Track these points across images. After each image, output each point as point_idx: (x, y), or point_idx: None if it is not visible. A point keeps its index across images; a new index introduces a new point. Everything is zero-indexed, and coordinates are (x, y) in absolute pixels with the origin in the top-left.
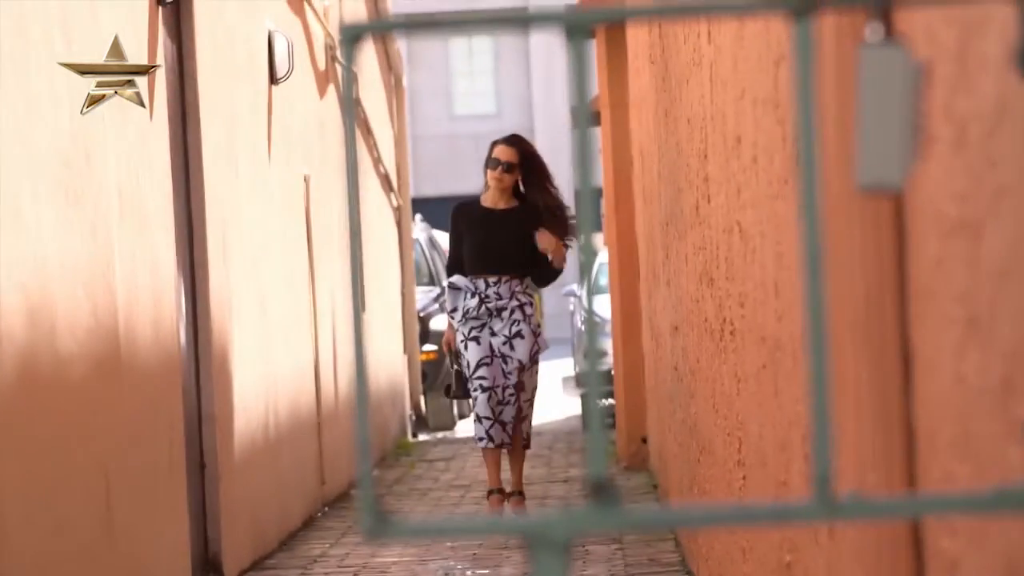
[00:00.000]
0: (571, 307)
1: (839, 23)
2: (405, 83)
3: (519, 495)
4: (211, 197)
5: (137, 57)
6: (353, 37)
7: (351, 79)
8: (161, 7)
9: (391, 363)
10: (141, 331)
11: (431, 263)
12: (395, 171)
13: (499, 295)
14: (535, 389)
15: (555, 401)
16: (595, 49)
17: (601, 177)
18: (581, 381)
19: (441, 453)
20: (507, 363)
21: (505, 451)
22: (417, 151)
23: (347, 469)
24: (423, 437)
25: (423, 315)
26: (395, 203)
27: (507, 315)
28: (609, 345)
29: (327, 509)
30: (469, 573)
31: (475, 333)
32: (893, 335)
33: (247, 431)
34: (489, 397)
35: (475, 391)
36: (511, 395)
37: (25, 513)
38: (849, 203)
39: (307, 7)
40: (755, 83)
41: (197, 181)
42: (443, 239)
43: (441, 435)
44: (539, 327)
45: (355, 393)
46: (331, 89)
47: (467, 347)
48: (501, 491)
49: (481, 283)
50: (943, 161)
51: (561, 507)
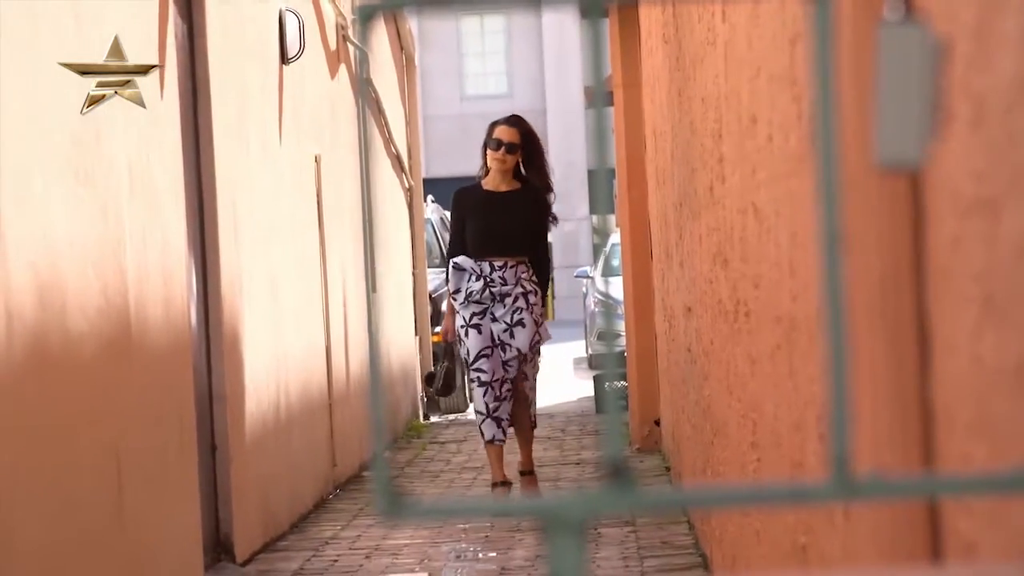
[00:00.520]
0: (583, 289)
1: (856, 1)
2: (417, 63)
3: (530, 474)
4: (222, 176)
5: (148, 35)
6: (367, 16)
7: (365, 59)
8: None
9: (403, 344)
10: (152, 310)
11: (443, 244)
12: (406, 152)
13: (504, 280)
14: (536, 376)
15: (567, 383)
16: (608, 29)
17: (614, 158)
18: (593, 363)
19: (452, 435)
20: (506, 351)
21: (513, 433)
22: (428, 131)
23: (358, 451)
24: (434, 419)
25: (435, 296)
26: (406, 184)
27: (510, 301)
28: (622, 327)
29: (338, 491)
30: (481, 555)
31: (476, 320)
32: (910, 315)
33: (258, 412)
34: (486, 392)
35: (472, 382)
36: (508, 391)
37: (35, 494)
38: (865, 182)
39: None
40: (770, 61)
41: (208, 160)
42: None
43: (452, 417)
44: (543, 317)
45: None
46: (342, 69)
47: (467, 334)
48: (506, 483)
49: (487, 266)
50: (961, 139)
51: (574, 489)
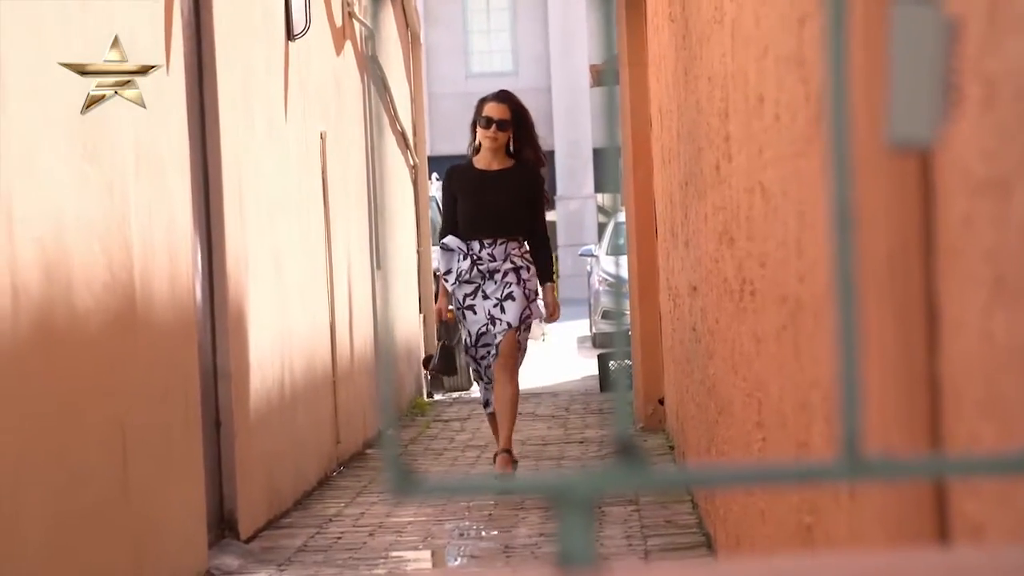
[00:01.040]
0: (587, 267)
1: None
2: (422, 41)
3: (506, 453)
4: (227, 153)
5: (154, 11)
6: None
7: (375, 37)
8: None
9: (407, 322)
10: (157, 286)
11: None
12: (411, 129)
13: (492, 257)
14: (523, 357)
15: (571, 362)
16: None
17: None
18: (597, 342)
19: (456, 413)
20: (495, 325)
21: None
22: (433, 109)
23: (362, 428)
24: (438, 397)
25: (439, 274)
26: (411, 161)
27: (499, 277)
28: (627, 306)
29: (342, 468)
30: (484, 533)
31: (470, 301)
32: (919, 294)
33: (263, 389)
34: (489, 365)
35: (477, 360)
36: (494, 355)
37: (41, 468)
38: (875, 161)
39: None
40: (778, 41)
41: (213, 137)
42: None
43: (456, 395)
44: (535, 293)
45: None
46: (348, 46)
47: (464, 317)
48: (508, 451)
49: (476, 245)
50: (972, 119)
51: (578, 467)
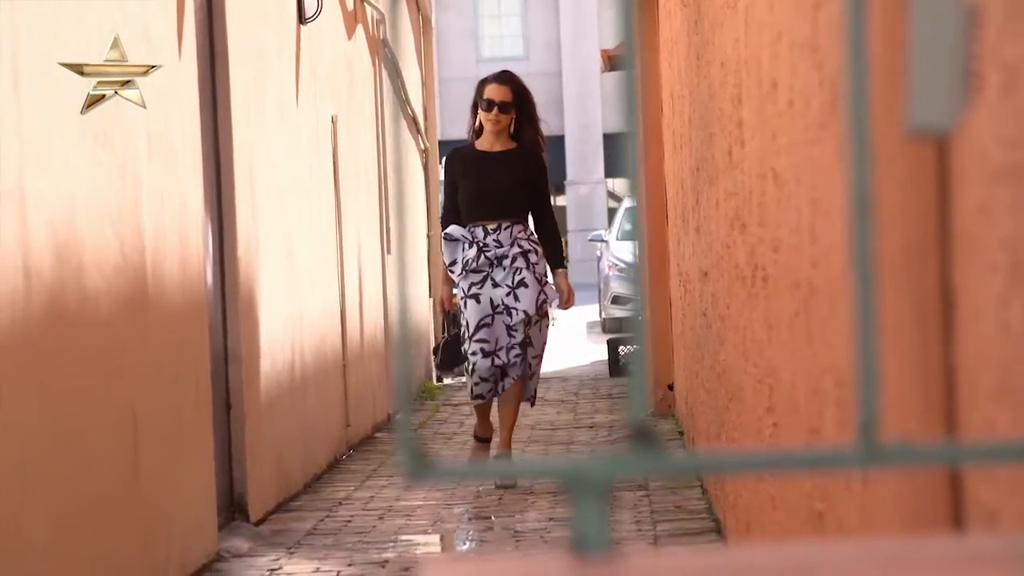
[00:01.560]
0: (597, 252)
1: None
2: (433, 25)
3: (506, 456)
4: (239, 137)
5: None
6: None
7: (393, 24)
8: None
9: (417, 307)
10: (168, 270)
11: None
12: (422, 113)
13: (499, 242)
14: (544, 345)
15: (581, 347)
16: None
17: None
18: (607, 327)
19: (465, 397)
20: (511, 316)
21: (495, 402)
22: (444, 94)
23: (372, 412)
24: (448, 381)
25: (444, 264)
26: (422, 145)
27: (508, 263)
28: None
29: (352, 451)
30: (494, 518)
31: (475, 290)
32: (935, 281)
33: (273, 372)
34: (492, 363)
35: (474, 355)
36: (517, 356)
37: (51, 451)
38: (891, 147)
39: None
40: (792, 27)
41: (225, 121)
42: None
43: (465, 380)
44: (545, 276)
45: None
46: (359, 29)
47: (466, 305)
48: (487, 440)
49: (479, 231)
50: (991, 106)
51: (588, 452)
